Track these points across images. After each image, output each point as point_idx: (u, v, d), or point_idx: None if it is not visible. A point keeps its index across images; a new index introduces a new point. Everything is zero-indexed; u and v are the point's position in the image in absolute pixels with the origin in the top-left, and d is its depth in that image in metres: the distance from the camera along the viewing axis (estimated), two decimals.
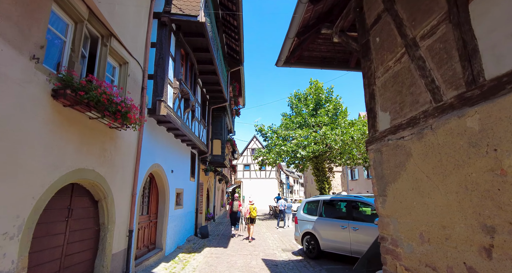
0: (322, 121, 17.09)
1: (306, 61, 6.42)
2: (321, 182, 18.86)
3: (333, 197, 7.45)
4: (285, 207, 14.60)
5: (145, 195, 6.93)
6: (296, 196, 70.08)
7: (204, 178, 13.25)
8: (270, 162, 18.45)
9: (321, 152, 16.78)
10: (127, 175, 5.24)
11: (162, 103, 6.14)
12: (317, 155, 16.94)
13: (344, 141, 15.53)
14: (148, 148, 6.44)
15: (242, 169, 38.14)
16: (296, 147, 16.49)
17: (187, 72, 8.26)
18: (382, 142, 3.62)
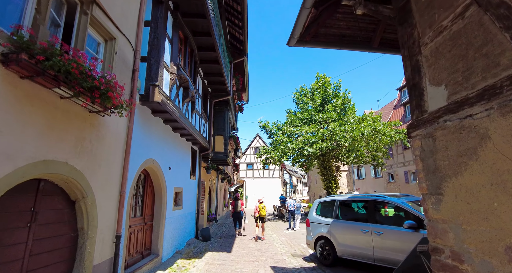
0: (329, 117, 16.23)
1: (322, 39, 5.58)
2: (328, 181, 18.00)
3: (351, 196, 6.61)
4: (295, 207, 13.75)
5: (138, 195, 6.13)
6: (299, 196, 69.16)
7: (206, 177, 12.44)
8: (275, 160, 17.62)
9: (329, 149, 15.92)
10: (114, 170, 4.43)
11: (156, 88, 5.33)
12: (324, 152, 16.09)
13: (353, 137, 14.67)
14: (141, 140, 5.63)
15: (245, 168, 37.32)
16: (303, 144, 15.64)
17: (186, 59, 7.45)
18: (435, 125, 2.79)
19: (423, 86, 3.08)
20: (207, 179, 13.00)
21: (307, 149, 15.10)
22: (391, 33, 5.41)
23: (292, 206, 13.71)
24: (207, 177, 12.90)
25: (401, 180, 21.96)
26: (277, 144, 16.95)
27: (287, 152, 16.25)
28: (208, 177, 13.04)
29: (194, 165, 10.24)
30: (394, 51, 5.75)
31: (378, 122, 15.70)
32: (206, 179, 12.69)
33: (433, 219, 2.83)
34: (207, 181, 12.83)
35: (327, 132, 14.93)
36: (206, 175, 12.20)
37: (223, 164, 13.59)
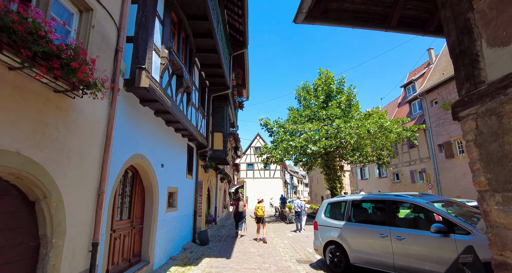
0: (334, 114, 15.52)
1: (333, 16, 4.85)
2: (332, 181, 17.28)
3: (365, 196, 5.89)
4: (302, 208, 13.02)
5: (125, 194, 5.42)
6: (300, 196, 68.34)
7: (204, 176, 11.73)
8: (276, 159, 16.90)
9: (333, 147, 15.20)
10: (90, 165, 3.72)
11: (143, 72, 4.63)
12: (328, 151, 15.37)
13: (359, 134, 13.95)
14: (127, 132, 4.93)
15: (245, 168, 36.62)
16: (306, 142, 14.93)
17: (180, 45, 6.75)
18: (501, 98, 2.08)
19: (477, 50, 2.38)
20: (206, 178, 12.29)
21: (311, 147, 14.39)
22: (411, 9, 4.71)
23: (299, 207, 12.98)
24: (206, 177, 12.19)
25: (407, 179, 21.24)
26: (278, 142, 16.24)
27: (290, 150, 15.54)
28: (206, 176, 12.33)
29: (190, 163, 9.53)
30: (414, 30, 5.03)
31: (384, 119, 14.99)
32: (205, 179, 11.98)
33: (499, 225, 2.12)
34: (205, 181, 12.12)
35: (332, 130, 14.22)
36: (204, 174, 11.50)
37: (223, 163, 12.88)
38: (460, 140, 16.34)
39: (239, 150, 20.64)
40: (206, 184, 12.52)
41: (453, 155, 16.76)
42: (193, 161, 9.76)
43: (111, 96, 4.20)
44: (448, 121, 17.07)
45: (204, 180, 11.98)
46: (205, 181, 12.10)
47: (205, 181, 12.10)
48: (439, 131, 17.82)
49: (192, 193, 9.62)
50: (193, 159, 9.73)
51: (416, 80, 22.17)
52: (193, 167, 9.70)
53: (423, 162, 19.57)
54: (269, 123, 16.73)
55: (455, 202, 5.38)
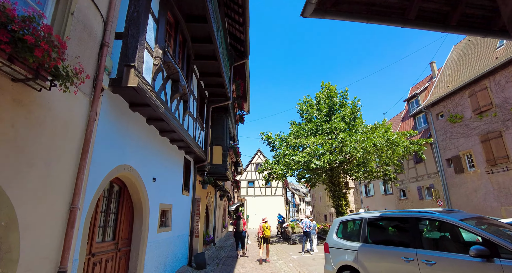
0: (338, 128, 14.96)
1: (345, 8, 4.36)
2: (337, 198, 16.44)
3: (384, 213, 5.16)
4: (311, 228, 12.21)
5: (109, 212, 4.72)
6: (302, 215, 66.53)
7: (202, 193, 10.98)
8: (279, 175, 16.14)
9: (338, 162, 14.53)
10: (60, 174, 3.08)
11: (132, 70, 4.08)
12: (333, 166, 14.68)
13: (365, 148, 13.32)
14: (113, 140, 4.32)
15: (246, 185, 35.63)
16: (309, 156, 14.26)
17: (177, 48, 6.28)
18: None
19: None
20: (204, 195, 11.52)
21: (315, 162, 13.71)
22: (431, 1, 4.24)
23: (308, 227, 12.15)
24: (204, 193, 11.43)
25: (414, 196, 20.35)
26: (281, 157, 15.58)
27: (292, 165, 14.84)
28: (204, 193, 11.57)
29: (187, 178, 8.84)
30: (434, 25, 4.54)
31: (391, 132, 14.42)
32: (203, 196, 11.22)
33: None
34: (203, 198, 11.35)
35: (337, 143, 13.61)
36: (202, 190, 10.76)
37: (222, 178, 12.16)
38: (469, 154, 15.68)
39: (239, 166, 19.91)
40: (204, 201, 11.75)
41: (463, 169, 16.03)
42: (190, 176, 9.07)
43: (93, 95, 3.62)
44: (455, 135, 16.49)
45: (202, 197, 11.22)
46: (203, 198, 11.34)
47: (203, 198, 11.34)
48: (447, 145, 17.19)
49: (188, 211, 8.86)
50: (190, 174, 9.04)
51: (420, 94, 21.81)
52: (190, 182, 9.00)
53: (431, 177, 18.79)
54: (270, 138, 16.14)
55: (489, 219, 4.67)
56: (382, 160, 16.11)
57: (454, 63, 19.53)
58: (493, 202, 14.04)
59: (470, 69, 16.63)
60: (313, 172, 16.47)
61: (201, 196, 10.81)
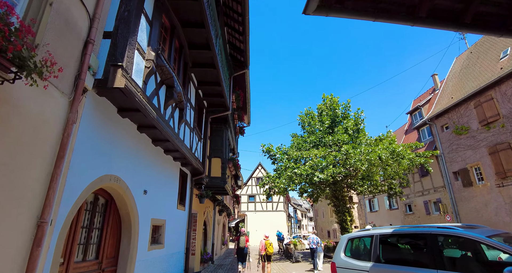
0: (341, 140, 14.53)
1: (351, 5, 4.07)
2: (342, 214, 15.77)
3: (397, 229, 4.66)
4: (318, 244, 11.58)
5: (92, 227, 4.25)
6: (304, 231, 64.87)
7: (199, 207, 10.45)
8: (280, 189, 15.56)
9: (342, 175, 14.00)
10: (27, 183, 2.66)
11: (119, 70, 3.75)
12: (337, 179, 14.14)
13: (370, 161, 12.85)
14: (98, 147, 3.92)
15: (247, 200, 34.83)
16: (312, 169, 13.77)
17: (172, 53, 6.00)
18: None
19: None
20: (201, 210, 10.98)
21: (317, 175, 13.19)
22: None
23: (314, 243, 11.52)
24: (201, 208, 10.89)
25: (421, 211, 19.62)
26: (282, 170, 15.07)
27: (294, 179, 14.30)
28: (202, 208, 11.03)
29: (183, 191, 8.37)
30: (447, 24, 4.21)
31: (396, 144, 13.97)
32: (200, 211, 10.68)
33: None
34: (201, 213, 10.80)
35: (340, 156, 13.14)
36: (199, 205, 10.23)
37: (221, 192, 11.64)
38: (478, 166, 15.15)
39: (239, 180, 19.35)
40: (202, 216, 11.19)
41: (471, 183, 15.45)
42: (187, 189, 8.60)
43: (73, 96, 3.27)
44: (462, 147, 16.02)
45: (200, 212, 10.67)
46: (200, 213, 10.79)
47: (200, 213, 10.79)
48: (453, 158, 16.68)
49: (184, 227, 8.32)
50: (186, 187, 8.58)
51: (423, 106, 21.51)
52: (186, 196, 8.52)
53: (438, 191, 18.16)
54: (271, 150, 15.69)
55: None
56: (387, 173, 15.58)
57: (457, 74, 19.35)
58: (505, 216, 13.38)
59: (474, 80, 16.39)
60: (316, 186, 15.92)
61: (198, 211, 10.28)
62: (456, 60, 21.52)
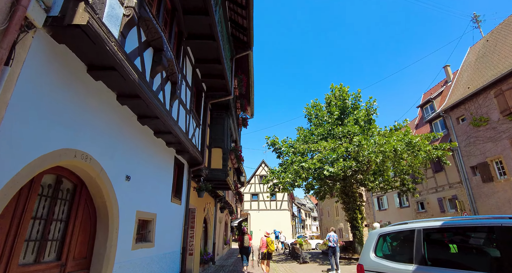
0: (351, 132, 13.50)
1: None
2: (352, 211, 14.75)
3: (448, 221, 3.63)
4: (336, 243, 10.63)
5: (51, 219, 3.26)
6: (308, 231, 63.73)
7: (199, 203, 9.46)
8: (286, 185, 14.53)
9: (353, 170, 12.97)
10: None
11: (81, 3, 2.76)
12: (348, 174, 13.11)
13: (385, 153, 11.80)
14: (55, 112, 2.94)
15: (250, 198, 33.85)
16: (321, 163, 12.75)
17: (162, 12, 5.00)
18: None
19: None
20: (201, 206, 9.99)
21: (328, 169, 12.17)
22: None
23: (334, 242, 10.54)
24: (201, 204, 9.90)
25: (434, 208, 18.52)
26: (288, 164, 14.06)
27: (301, 173, 13.29)
28: (202, 203, 10.05)
29: (179, 183, 7.39)
30: None
31: (412, 135, 12.91)
32: (200, 206, 9.69)
33: None
34: (200, 209, 9.81)
35: (352, 147, 12.11)
36: (198, 200, 9.25)
37: (222, 186, 10.63)
38: (499, 160, 14.05)
39: (242, 176, 18.34)
40: (201, 213, 10.20)
41: (492, 178, 14.35)
42: (183, 181, 7.61)
43: (6, 25, 2.28)
44: (481, 140, 14.92)
45: (199, 208, 9.69)
46: (200, 209, 9.81)
47: (200, 209, 9.81)
48: (471, 152, 15.58)
49: (180, 223, 7.34)
50: (183, 178, 7.59)
51: (434, 99, 20.41)
52: (182, 188, 7.53)
53: (453, 187, 17.06)
54: (277, 143, 14.68)
55: None
56: (400, 168, 14.56)
57: (473, 64, 18.24)
58: None
59: (493, 69, 15.29)
60: (324, 181, 14.89)
61: (197, 206, 9.29)
62: (470, 50, 20.40)
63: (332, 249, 10.41)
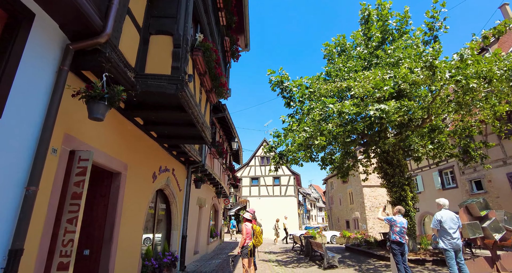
0: (403, 57, 8.36)
1: None
2: (399, 188, 9.74)
3: None
4: (405, 232, 5.55)
5: None
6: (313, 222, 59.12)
7: (133, 155, 4.45)
8: (297, 150, 9.39)
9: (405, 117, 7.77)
10: None
11: None
12: (405, 121, 7.90)
13: (467, 79, 6.70)
14: None
15: (249, 183, 28.96)
16: (357, 107, 7.67)
17: None
18: None
19: None
20: (143, 164, 5.00)
21: (376, 107, 7.07)
22: None
23: (401, 232, 5.47)
24: (144, 160, 4.90)
25: (501, 188, 13.45)
26: (304, 112, 8.96)
27: (324, 128, 8.12)
28: (147, 160, 5.05)
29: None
30: None
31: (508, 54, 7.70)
32: (137, 163, 4.69)
33: None
34: (137, 168, 4.80)
35: (416, 75, 6.99)
36: (134, 146, 4.22)
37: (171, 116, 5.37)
38: None
39: (235, 141, 13.29)
40: (139, 177, 5.24)
41: None
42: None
43: None
44: None
45: (135, 167, 4.71)
46: (136, 168, 4.83)
47: (136, 168, 4.83)
48: None
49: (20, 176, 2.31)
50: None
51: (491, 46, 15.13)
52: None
53: None
54: (286, 78, 9.54)
55: None
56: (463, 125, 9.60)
57: None
58: None
59: None
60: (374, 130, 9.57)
61: (129, 162, 4.31)
62: None
63: (398, 247, 5.38)
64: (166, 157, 6.73)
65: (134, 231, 5.00)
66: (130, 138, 4.89)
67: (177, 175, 7.59)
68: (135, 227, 5.07)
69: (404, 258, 5.36)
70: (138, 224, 5.23)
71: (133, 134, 5.04)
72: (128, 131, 4.85)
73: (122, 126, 4.62)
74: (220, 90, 6.03)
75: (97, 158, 3.81)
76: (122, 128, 4.60)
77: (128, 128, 4.85)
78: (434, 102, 8.17)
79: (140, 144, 5.27)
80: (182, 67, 4.22)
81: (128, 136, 4.82)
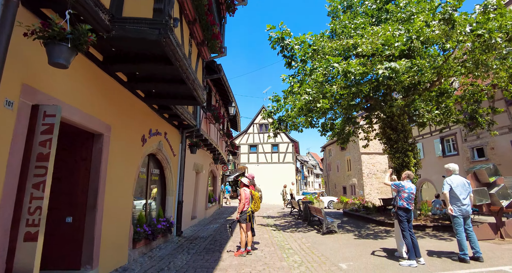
0: (415, 12, 7.56)
1: None
2: (402, 154, 9.44)
3: None
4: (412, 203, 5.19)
5: None
6: (310, 188, 60.60)
7: (116, 115, 3.94)
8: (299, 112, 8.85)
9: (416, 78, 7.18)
10: None
11: None
12: (415, 81, 7.33)
13: (491, 31, 6.03)
14: None
15: (247, 150, 28.89)
16: (364, 67, 7.02)
17: None
18: None
19: None
20: (128, 126, 4.52)
21: (386, 66, 6.45)
22: None
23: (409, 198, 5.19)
24: (130, 122, 4.41)
25: (503, 155, 13.25)
26: (307, 73, 8.33)
27: (327, 91, 7.54)
28: (132, 122, 4.56)
29: None
30: None
31: None
32: (121, 125, 4.20)
33: None
34: (122, 130, 4.32)
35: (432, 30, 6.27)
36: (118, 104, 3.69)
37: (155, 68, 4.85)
38: None
39: (232, 106, 12.74)
40: (138, 146, 4.81)
41: None
42: None
43: None
44: None
45: (120, 128, 4.23)
46: (134, 134, 4.36)
47: (134, 134, 4.36)
48: None
49: None
50: None
51: None
52: None
53: None
54: (287, 34, 8.75)
55: None
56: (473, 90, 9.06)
57: None
58: None
59: None
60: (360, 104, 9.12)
61: (113, 124, 3.82)
62: None
63: (405, 214, 5.11)
64: (156, 120, 6.24)
65: (122, 196, 4.67)
66: (113, 96, 4.36)
67: (170, 139, 7.16)
68: (123, 193, 4.73)
69: (410, 225, 5.14)
70: (127, 189, 4.90)
71: (117, 93, 4.50)
72: (111, 89, 4.30)
73: (102, 82, 4.06)
74: (213, 43, 5.36)
75: (71, 115, 3.32)
76: (102, 85, 4.05)
77: (110, 86, 4.30)
78: (446, 63, 7.56)
79: (125, 104, 4.75)
80: (166, 10, 3.56)
81: (110, 94, 4.29)
